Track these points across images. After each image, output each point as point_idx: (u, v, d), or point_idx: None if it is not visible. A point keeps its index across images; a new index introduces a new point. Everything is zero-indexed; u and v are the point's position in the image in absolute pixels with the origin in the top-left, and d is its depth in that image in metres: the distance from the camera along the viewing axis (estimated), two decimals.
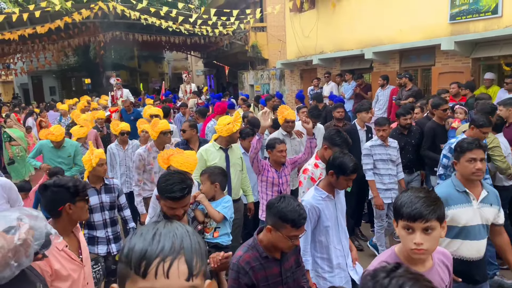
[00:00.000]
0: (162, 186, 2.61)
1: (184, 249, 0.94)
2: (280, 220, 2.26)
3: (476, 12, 8.05)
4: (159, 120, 5.34)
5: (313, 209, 3.13)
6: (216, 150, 4.58)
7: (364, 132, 6.01)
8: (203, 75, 34.19)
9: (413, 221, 1.81)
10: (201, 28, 16.80)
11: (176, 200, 2.59)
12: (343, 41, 11.84)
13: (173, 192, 2.56)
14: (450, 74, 8.77)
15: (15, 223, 1.41)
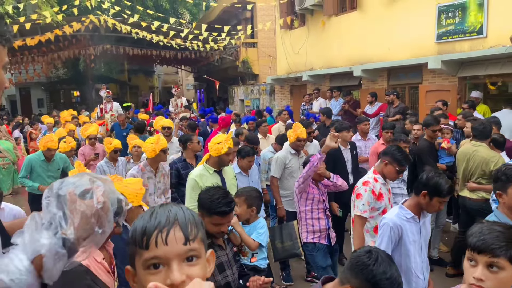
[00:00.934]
0: (208, 202, 2.54)
1: (178, 220, 1.06)
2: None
3: (462, 33, 8.26)
4: (160, 136, 4.97)
5: (396, 228, 2.85)
6: (210, 175, 4.16)
7: (348, 150, 5.92)
8: (193, 89, 34.27)
9: (477, 253, 1.61)
10: (192, 43, 16.91)
11: (224, 216, 2.54)
12: (332, 58, 12.01)
13: (220, 207, 2.50)
14: (437, 92, 8.94)
15: (89, 186, 1.30)
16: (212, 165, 4.19)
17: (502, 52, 7.21)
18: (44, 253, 1.18)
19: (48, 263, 1.19)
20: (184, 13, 26.80)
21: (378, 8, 10.28)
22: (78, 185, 1.28)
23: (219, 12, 19.64)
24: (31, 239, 1.19)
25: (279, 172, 5.34)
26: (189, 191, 4.04)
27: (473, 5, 7.97)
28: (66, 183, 1.28)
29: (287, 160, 5.33)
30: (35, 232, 1.20)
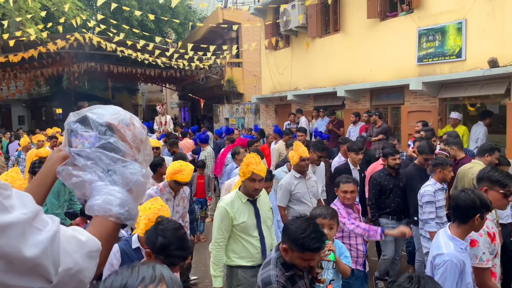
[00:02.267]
0: (301, 238, 2.35)
1: (164, 278, 0.94)
2: None
3: (442, 55, 8.52)
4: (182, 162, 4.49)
5: (459, 264, 2.58)
6: (242, 203, 3.60)
7: (357, 171, 5.73)
8: (177, 108, 34.24)
9: None
10: (178, 61, 16.99)
11: (317, 251, 2.39)
12: (317, 78, 12.21)
13: (314, 243, 2.34)
14: (419, 113, 9.15)
15: (126, 114, 1.21)
16: (246, 192, 3.60)
17: (480, 74, 7.46)
18: (132, 185, 1.14)
19: (137, 194, 1.15)
20: (170, 32, 26.98)
21: (360, 31, 10.55)
22: (115, 113, 1.19)
23: (205, 32, 19.84)
24: (120, 171, 1.13)
25: (285, 201, 4.84)
26: (218, 222, 3.53)
27: (452, 30, 8.26)
28: (99, 115, 1.17)
29: (292, 186, 4.81)
30: (117, 165, 1.14)
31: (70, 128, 1.15)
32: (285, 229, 2.49)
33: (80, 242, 0.98)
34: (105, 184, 1.11)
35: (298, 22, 12.06)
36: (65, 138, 1.17)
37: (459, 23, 8.11)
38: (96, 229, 1.06)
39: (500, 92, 7.53)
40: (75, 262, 0.94)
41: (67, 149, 1.15)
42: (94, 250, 1.00)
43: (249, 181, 3.50)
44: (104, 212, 1.08)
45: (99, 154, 1.12)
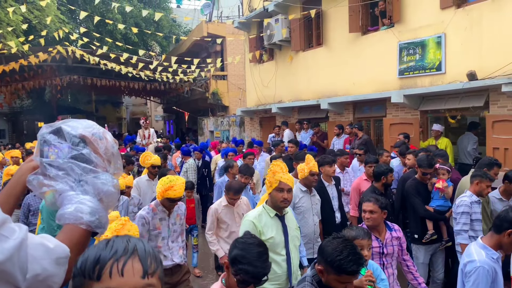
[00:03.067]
0: (337, 261, 2.23)
1: (137, 250, 0.95)
2: None
3: (422, 69, 8.67)
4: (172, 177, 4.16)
5: (491, 271, 2.54)
6: (270, 218, 3.34)
7: (333, 186, 5.51)
8: (162, 121, 34.08)
9: None
10: (162, 74, 16.95)
11: (354, 275, 2.28)
12: (301, 91, 12.30)
13: (351, 265, 2.23)
14: (400, 125, 9.27)
15: (98, 128, 1.25)
16: (272, 206, 3.36)
17: (460, 87, 7.60)
18: (103, 195, 1.17)
19: (107, 203, 1.19)
20: (154, 46, 26.96)
21: (343, 45, 10.70)
22: (89, 127, 1.24)
23: (189, 45, 19.89)
24: (91, 181, 1.16)
25: None
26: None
27: (432, 43, 8.43)
28: (73, 127, 1.20)
29: (297, 198, 4.57)
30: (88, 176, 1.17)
31: (43, 138, 1.18)
32: (321, 250, 2.37)
33: (48, 248, 1.01)
34: (76, 193, 1.14)
35: (282, 36, 12.18)
36: (37, 148, 1.20)
37: (438, 37, 8.28)
38: (66, 236, 1.09)
39: (479, 105, 7.68)
40: (43, 268, 0.97)
41: (39, 159, 1.17)
42: (63, 256, 1.03)
43: (277, 191, 3.26)
44: (75, 220, 1.11)
45: (71, 165, 1.15)
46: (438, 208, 4.99)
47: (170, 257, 4.25)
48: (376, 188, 4.99)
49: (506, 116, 7.27)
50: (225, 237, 4.89)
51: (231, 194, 4.82)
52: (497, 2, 7.27)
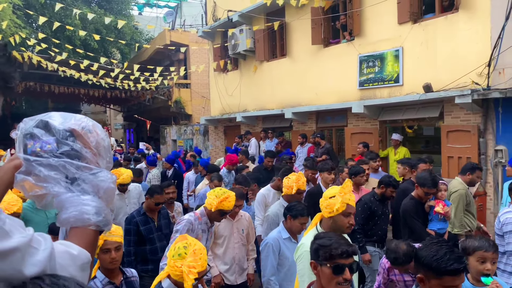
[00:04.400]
0: (435, 261, 2.06)
1: None
2: None
3: (381, 80, 9.04)
4: (230, 194, 3.88)
5: None
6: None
7: None
8: (122, 129, 33.33)
9: None
10: (123, 82, 16.65)
11: (457, 275, 2.07)
12: (265, 101, 12.46)
13: (451, 264, 2.03)
14: (361, 134, 9.59)
15: (86, 121, 1.17)
16: (331, 231, 2.85)
17: (416, 99, 7.99)
18: (103, 193, 1.14)
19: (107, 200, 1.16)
20: (115, 53, 26.43)
21: (306, 56, 10.97)
22: (78, 120, 1.17)
23: (152, 53, 19.67)
24: (89, 179, 1.11)
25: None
26: (308, 271, 2.66)
27: (390, 56, 8.82)
28: (61, 121, 1.13)
29: (281, 217, 4.18)
30: (84, 173, 1.11)
31: (28, 132, 1.10)
32: (416, 257, 2.20)
33: (73, 255, 1.01)
34: (76, 194, 1.09)
35: (246, 46, 12.32)
36: (19, 145, 1.11)
37: (396, 51, 8.68)
38: (81, 241, 1.07)
39: (434, 115, 8.09)
40: (70, 275, 0.97)
41: (22, 156, 1.08)
42: (86, 261, 1.04)
43: (344, 216, 2.81)
44: (83, 223, 1.08)
45: (63, 163, 1.08)
46: (439, 231, 4.52)
47: None
48: (376, 194, 4.95)
49: (459, 126, 7.70)
50: (221, 254, 4.40)
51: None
52: (450, 19, 7.73)
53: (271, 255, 3.59)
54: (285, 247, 3.64)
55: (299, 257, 2.82)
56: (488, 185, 7.24)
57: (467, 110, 7.52)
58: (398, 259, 3.16)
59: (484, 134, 7.36)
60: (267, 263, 3.61)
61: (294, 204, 3.73)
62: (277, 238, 3.63)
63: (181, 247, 2.48)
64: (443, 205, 4.49)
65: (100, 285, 2.77)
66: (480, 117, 7.40)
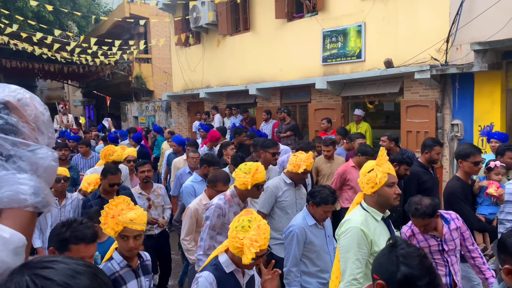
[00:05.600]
0: None
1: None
2: None
3: (344, 56, 9.07)
4: (259, 167, 3.53)
5: None
6: (377, 223, 2.70)
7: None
8: (81, 106, 32.17)
9: None
10: (80, 56, 15.92)
11: None
12: (229, 76, 12.28)
13: None
14: (324, 110, 9.66)
15: (23, 93, 1.09)
16: (378, 207, 2.70)
17: (377, 74, 8.08)
18: (42, 171, 1.04)
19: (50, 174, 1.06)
20: (71, 26, 25.18)
21: (269, 30, 10.82)
22: (13, 91, 1.08)
23: (110, 26, 18.86)
24: (27, 156, 1.02)
25: (268, 207, 4.21)
26: (354, 247, 2.54)
27: (352, 32, 8.83)
28: None
29: (280, 191, 4.20)
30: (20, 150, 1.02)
31: None
32: (500, 246, 1.98)
33: (4, 239, 0.91)
34: (11, 173, 0.99)
35: (208, 19, 12.00)
36: None
37: (358, 26, 8.69)
38: (15, 223, 0.97)
39: (394, 91, 8.24)
40: (2, 261, 0.89)
41: None
42: (20, 245, 0.94)
43: (388, 187, 2.63)
44: (18, 203, 0.98)
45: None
46: (489, 216, 3.97)
47: None
48: (422, 163, 4.72)
49: (418, 102, 7.89)
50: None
51: (219, 185, 3.95)
52: None
53: (295, 244, 3.37)
54: (312, 234, 3.42)
55: (344, 232, 2.61)
56: (444, 158, 7.50)
57: (425, 85, 7.69)
58: (419, 210, 3.04)
59: (442, 109, 7.58)
60: (290, 253, 3.44)
61: (318, 190, 3.45)
62: (302, 226, 3.39)
63: (246, 220, 2.38)
64: (497, 186, 3.89)
65: (117, 267, 2.69)
66: (438, 92, 7.59)
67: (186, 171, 5.80)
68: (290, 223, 3.58)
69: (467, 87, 7.21)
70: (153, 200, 5.09)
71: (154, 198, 5.12)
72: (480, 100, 7.07)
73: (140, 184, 5.15)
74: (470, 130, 7.20)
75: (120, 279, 2.66)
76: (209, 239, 3.43)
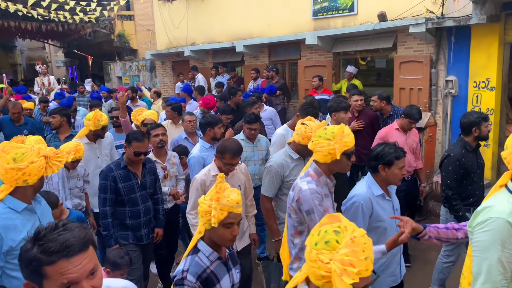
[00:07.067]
0: None
1: None
2: None
3: (335, 9, 8.63)
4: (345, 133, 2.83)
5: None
6: None
7: None
8: (64, 67, 31.18)
9: None
10: (58, 13, 15.10)
11: None
12: (214, 33, 11.74)
13: None
14: (315, 67, 9.30)
15: None
16: None
17: (371, 28, 7.70)
18: None
19: None
20: None
21: None
22: None
23: None
24: None
25: (274, 190, 3.56)
26: (496, 246, 1.89)
27: None
28: None
29: (287, 170, 3.50)
30: None
31: None
32: None
33: None
34: None
35: None
36: None
37: None
38: None
39: (388, 46, 7.90)
40: None
41: None
42: None
43: None
44: None
45: None
46: None
47: None
48: (467, 143, 3.96)
49: (411, 57, 7.58)
50: None
51: (227, 158, 3.45)
52: None
53: (360, 219, 2.73)
54: (379, 207, 2.80)
55: (482, 224, 1.95)
56: (437, 116, 7.29)
57: (420, 40, 7.36)
58: None
59: (436, 65, 7.29)
60: None
61: (381, 149, 2.80)
62: (368, 196, 2.77)
63: (330, 231, 1.51)
64: None
65: (207, 261, 2.15)
66: (433, 47, 7.27)
67: (183, 136, 5.35)
68: (351, 192, 2.86)
69: (463, 41, 6.90)
70: (169, 170, 4.51)
71: (169, 167, 4.52)
72: (476, 55, 6.79)
73: (154, 150, 4.48)
74: (465, 87, 6.97)
75: (213, 276, 2.14)
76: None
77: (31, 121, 7.08)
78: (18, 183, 2.42)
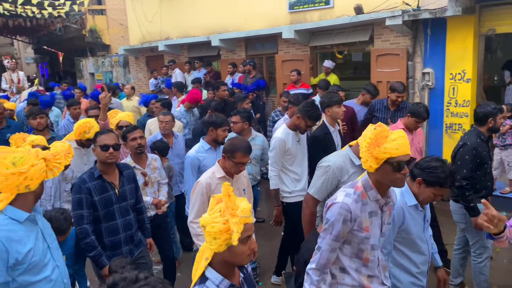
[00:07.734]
0: None
1: None
2: None
3: (312, 2, 8.54)
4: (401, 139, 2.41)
5: None
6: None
7: (337, 132, 4.40)
8: (34, 63, 30.18)
9: None
10: (25, 8, 14.53)
11: None
12: (189, 27, 11.49)
13: None
14: (292, 61, 9.21)
15: None
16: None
17: (347, 21, 7.65)
18: None
19: None
20: None
21: None
22: None
23: None
24: None
25: (324, 193, 3.14)
26: None
27: None
28: None
29: (346, 175, 3.10)
30: None
31: None
32: None
33: None
34: None
35: None
36: None
37: None
38: None
39: (365, 39, 7.86)
40: None
41: None
42: None
43: None
44: None
45: None
46: None
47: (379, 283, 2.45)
48: (482, 133, 3.85)
49: (388, 50, 7.57)
50: None
51: (239, 156, 3.22)
52: None
53: (391, 226, 2.58)
54: (410, 217, 2.62)
55: None
56: None
57: (397, 32, 7.35)
58: None
59: (413, 57, 7.30)
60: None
61: (435, 166, 2.58)
62: (401, 205, 2.59)
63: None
64: None
65: None
66: (409, 39, 7.27)
67: (158, 137, 5.05)
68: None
69: (440, 33, 6.92)
70: (149, 175, 4.14)
71: (150, 172, 4.15)
72: (452, 47, 6.82)
73: (132, 155, 4.08)
74: (442, 79, 7.00)
75: None
76: (329, 252, 2.32)
77: (14, 123, 6.54)
78: (19, 190, 2.20)
